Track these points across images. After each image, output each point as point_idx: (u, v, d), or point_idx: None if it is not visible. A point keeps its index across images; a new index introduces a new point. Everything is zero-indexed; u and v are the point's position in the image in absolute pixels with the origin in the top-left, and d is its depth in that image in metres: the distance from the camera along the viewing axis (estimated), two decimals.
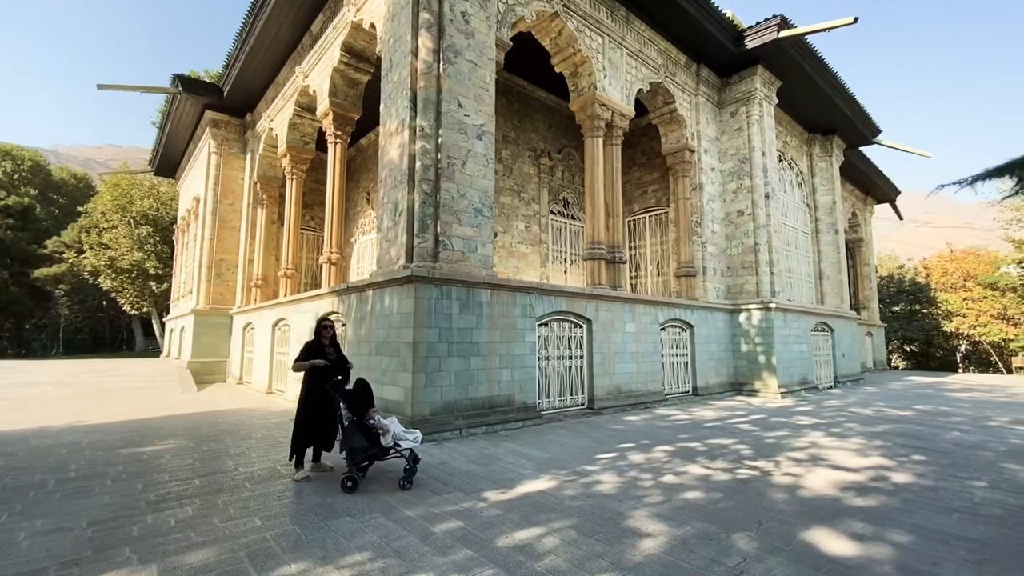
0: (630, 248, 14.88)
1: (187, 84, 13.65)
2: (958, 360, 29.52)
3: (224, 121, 15.01)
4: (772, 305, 11.63)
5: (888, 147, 17.15)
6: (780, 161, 14.55)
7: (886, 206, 25.34)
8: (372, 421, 4.54)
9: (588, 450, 6.00)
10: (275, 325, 11.25)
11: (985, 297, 27.40)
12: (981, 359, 29.60)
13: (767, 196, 12.37)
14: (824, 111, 14.97)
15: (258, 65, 12.43)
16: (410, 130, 6.82)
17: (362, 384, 4.76)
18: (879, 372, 21.44)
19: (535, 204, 13.13)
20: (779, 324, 11.79)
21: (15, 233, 30.16)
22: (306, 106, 11.81)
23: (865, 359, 20.54)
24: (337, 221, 9.91)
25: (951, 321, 28.13)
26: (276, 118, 13.21)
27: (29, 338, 36.68)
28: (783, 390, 11.45)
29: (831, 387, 14.21)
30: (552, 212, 13.64)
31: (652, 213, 14.45)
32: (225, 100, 14.16)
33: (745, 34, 11.68)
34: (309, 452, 4.90)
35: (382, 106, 7.63)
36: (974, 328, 27.28)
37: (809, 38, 11.88)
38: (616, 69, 10.22)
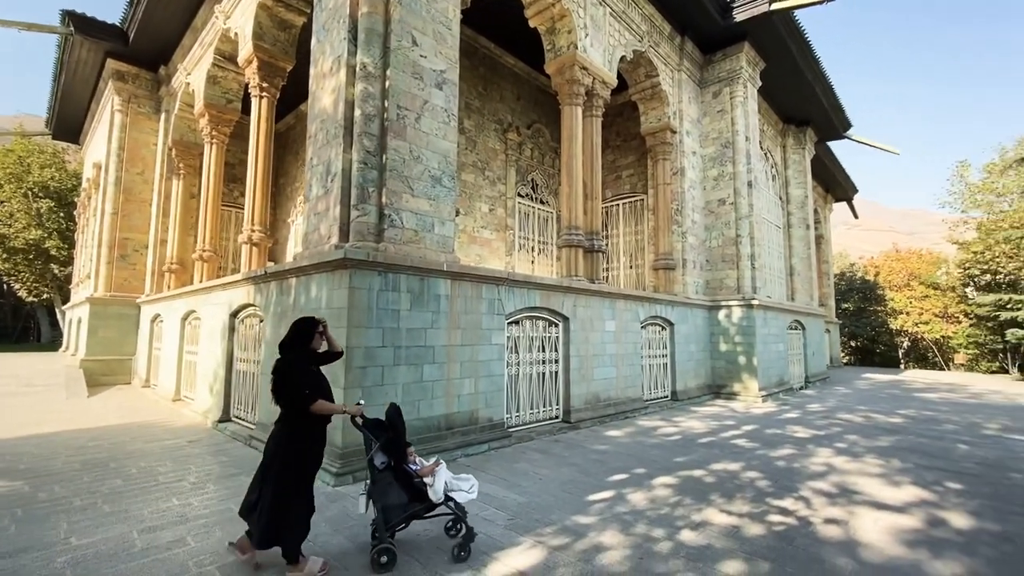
0: (602, 237, 13.71)
1: (80, 23, 11.20)
2: (900, 356, 30.57)
3: (131, 73, 12.60)
4: (754, 302, 10.77)
5: (858, 142, 16.83)
6: (759, 149, 13.76)
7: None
8: (414, 466, 3.21)
9: (574, 486, 4.70)
10: (185, 318, 9.29)
11: (927, 296, 28.32)
12: (920, 355, 30.78)
13: (750, 184, 11.48)
14: (802, 100, 14.31)
15: (169, 3, 10.26)
16: (348, 68, 5.21)
17: (396, 412, 3.27)
18: (836, 369, 21.54)
19: (501, 184, 11.67)
20: (760, 322, 10.96)
21: None
22: (228, 55, 9.80)
23: (826, 356, 20.51)
24: (261, 191, 8.10)
25: (896, 319, 28.98)
26: (194, 71, 11.05)
27: None
28: (763, 393, 10.64)
29: (803, 387, 13.67)
30: (519, 195, 12.23)
31: (626, 200, 13.32)
32: (132, 47, 11.80)
33: (733, 5, 10.65)
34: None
35: (314, 40, 5.94)
36: (917, 325, 28.18)
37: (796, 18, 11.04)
38: (599, 30, 8.90)
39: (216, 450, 5.88)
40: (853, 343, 30.37)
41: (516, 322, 6.83)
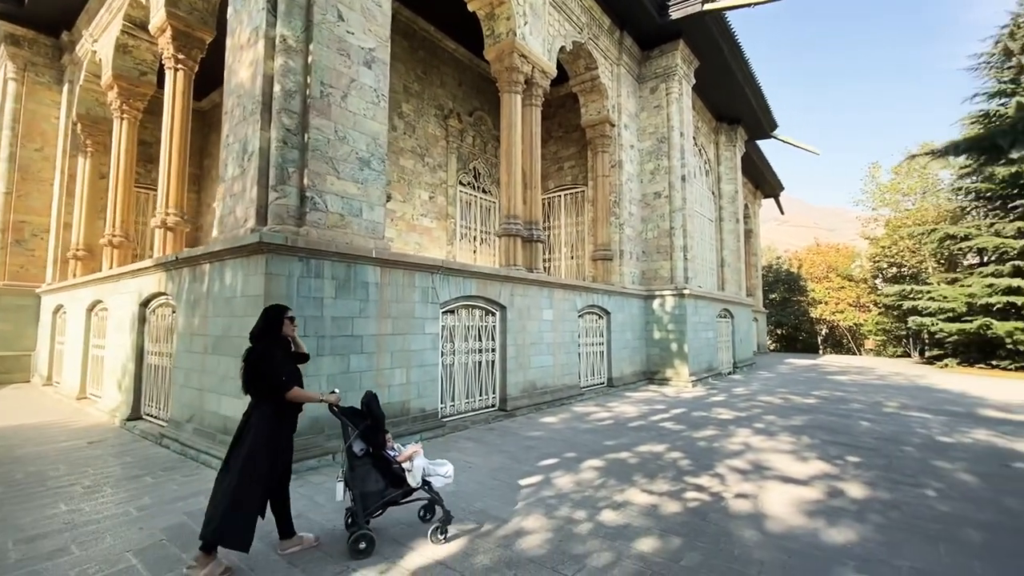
0: (544, 228, 13.82)
1: None
2: (819, 343, 33.02)
3: (28, 38, 11.30)
4: (686, 291, 11.23)
5: (783, 141, 17.87)
6: (693, 145, 14.29)
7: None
8: (392, 452, 3.24)
9: (503, 473, 4.71)
10: (91, 309, 8.52)
11: (843, 287, 30.74)
12: (836, 341, 33.40)
13: (683, 179, 11.91)
14: (733, 99, 14.98)
15: None
16: (267, 41, 4.89)
17: (374, 399, 3.27)
18: (762, 355, 22.94)
19: (441, 171, 11.46)
20: (691, 311, 11.45)
21: None
22: (139, 22, 9.00)
23: (753, 343, 21.76)
24: (177, 171, 7.51)
25: (816, 308, 31.27)
26: (101, 38, 10.06)
27: None
28: (693, 378, 11.15)
29: (731, 372, 14.45)
30: (461, 183, 12.07)
31: (568, 191, 13.47)
32: (28, 9, 10.58)
33: (669, 3, 10.94)
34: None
35: (230, 9, 5.53)
36: (834, 314, 30.55)
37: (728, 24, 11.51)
38: (538, 18, 8.87)
39: (121, 451, 5.43)
40: (779, 331, 32.45)
41: (452, 311, 6.74)
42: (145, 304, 6.72)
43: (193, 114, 12.30)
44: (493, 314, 7.49)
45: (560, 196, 13.64)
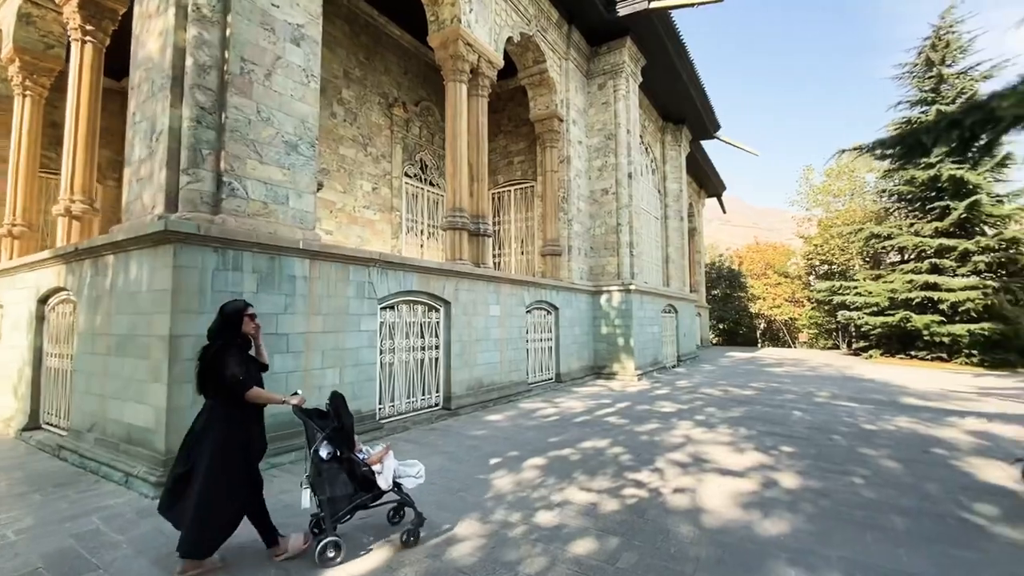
0: (494, 223, 13.64)
1: None
2: (758, 336, 34.65)
3: None
4: (632, 287, 11.37)
5: (725, 142, 18.50)
6: (640, 143, 14.51)
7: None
8: (361, 455, 3.13)
9: (440, 476, 4.50)
10: None
11: (780, 283, 32.39)
12: (774, 335, 35.18)
13: (630, 176, 12.05)
14: (679, 99, 15.33)
15: None
16: (178, 8, 4.42)
17: (341, 401, 3.16)
18: (705, 349, 23.77)
19: (386, 162, 11.04)
20: (637, 306, 11.61)
21: None
22: None
23: (696, 337, 22.50)
24: (84, 153, 6.78)
25: (755, 303, 32.78)
26: (2, 7, 9.00)
27: None
28: (639, 372, 11.32)
29: (675, 366, 14.83)
30: (407, 175, 11.68)
31: (518, 186, 13.35)
32: None
33: (616, 1, 11.00)
34: None
35: None
36: (771, 309, 32.13)
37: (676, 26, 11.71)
38: (484, 6, 8.64)
39: (11, 464, 4.82)
40: (721, 325, 33.79)
41: (391, 307, 6.44)
42: (44, 300, 6.02)
43: (114, 95, 11.34)
44: (437, 310, 7.24)
45: (510, 191, 13.50)
